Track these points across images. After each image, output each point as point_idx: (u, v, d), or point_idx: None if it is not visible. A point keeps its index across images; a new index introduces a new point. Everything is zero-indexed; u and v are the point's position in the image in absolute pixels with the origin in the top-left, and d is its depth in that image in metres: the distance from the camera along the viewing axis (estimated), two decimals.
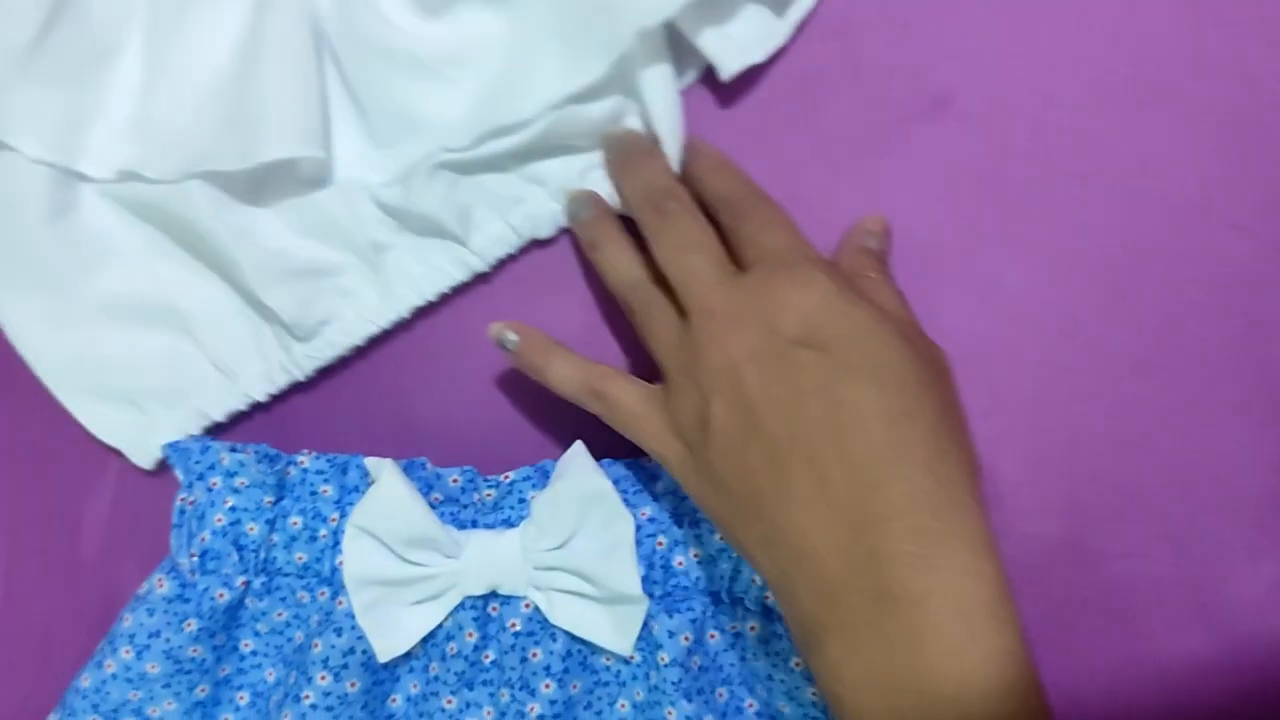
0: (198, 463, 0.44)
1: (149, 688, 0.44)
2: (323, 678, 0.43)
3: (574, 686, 0.44)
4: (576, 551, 0.42)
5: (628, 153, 0.45)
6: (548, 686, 0.43)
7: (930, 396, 0.37)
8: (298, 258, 0.46)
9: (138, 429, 0.47)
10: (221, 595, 0.44)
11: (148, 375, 0.47)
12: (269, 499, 0.44)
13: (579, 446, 0.43)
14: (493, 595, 0.44)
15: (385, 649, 0.43)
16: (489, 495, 0.45)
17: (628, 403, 0.41)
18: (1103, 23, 0.45)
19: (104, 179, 0.45)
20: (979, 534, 0.35)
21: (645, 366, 0.44)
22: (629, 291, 0.43)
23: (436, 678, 0.44)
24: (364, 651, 0.43)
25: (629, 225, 0.44)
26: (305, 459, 0.45)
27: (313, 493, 0.44)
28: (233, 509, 0.44)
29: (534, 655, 0.43)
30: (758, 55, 0.45)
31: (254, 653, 0.45)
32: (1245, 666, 0.44)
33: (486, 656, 0.44)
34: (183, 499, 0.45)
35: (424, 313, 0.47)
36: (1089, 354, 0.45)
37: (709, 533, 0.43)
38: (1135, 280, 0.45)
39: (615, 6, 0.42)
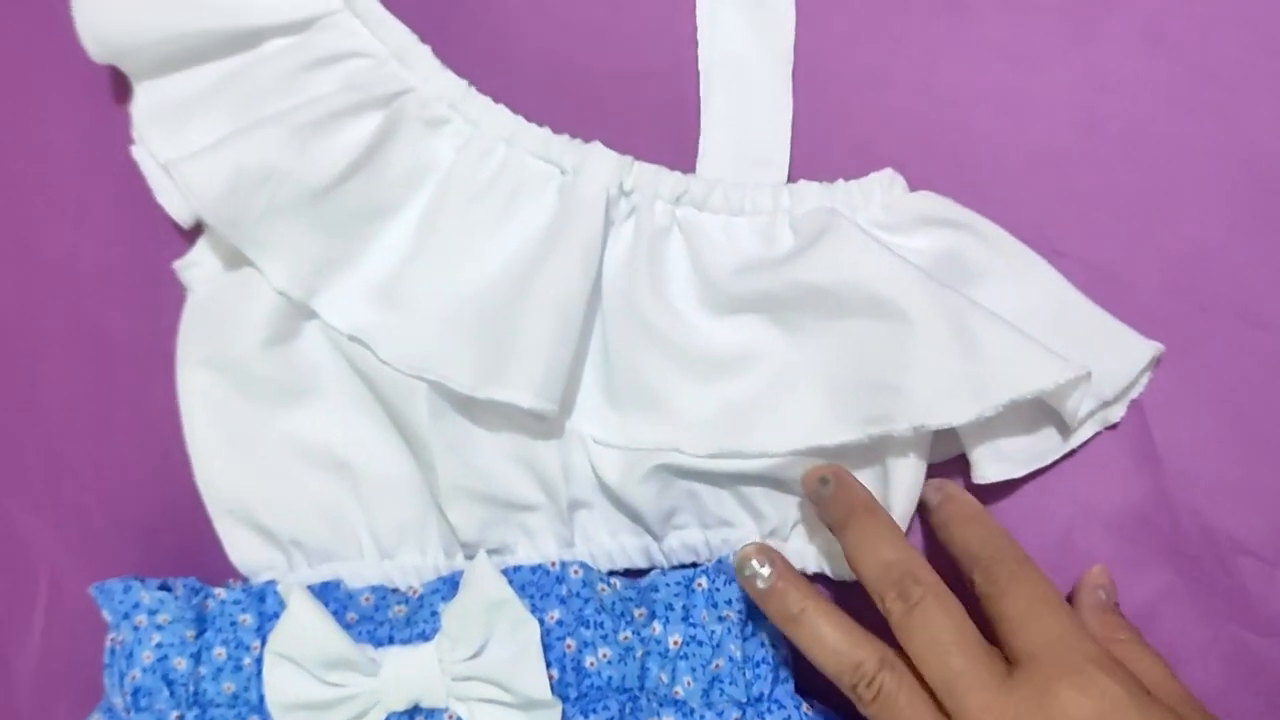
0: (121, 602, 0.45)
1: None
2: None
3: None
4: (490, 659, 0.42)
5: (850, 508, 0.41)
6: None
7: None
8: (496, 485, 0.45)
9: (272, 570, 0.47)
10: None
11: (302, 524, 0.46)
12: (191, 633, 0.44)
13: (482, 555, 0.43)
14: (417, 709, 0.44)
15: None
16: (401, 611, 0.45)
17: None
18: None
19: (334, 328, 0.45)
20: None
21: None
22: (852, 675, 0.38)
23: None
24: None
25: None
26: (222, 591, 0.45)
27: (232, 623, 0.45)
28: (159, 645, 0.44)
29: None
30: (1018, 470, 0.44)
31: None
32: None
33: None
34: (112, 639, 0.45)
35: None
36: None
37: (615, 632, 0.44)
38: None
39: (901, 392, 0.41)
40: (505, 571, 0.44)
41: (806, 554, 0.46)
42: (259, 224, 0.43)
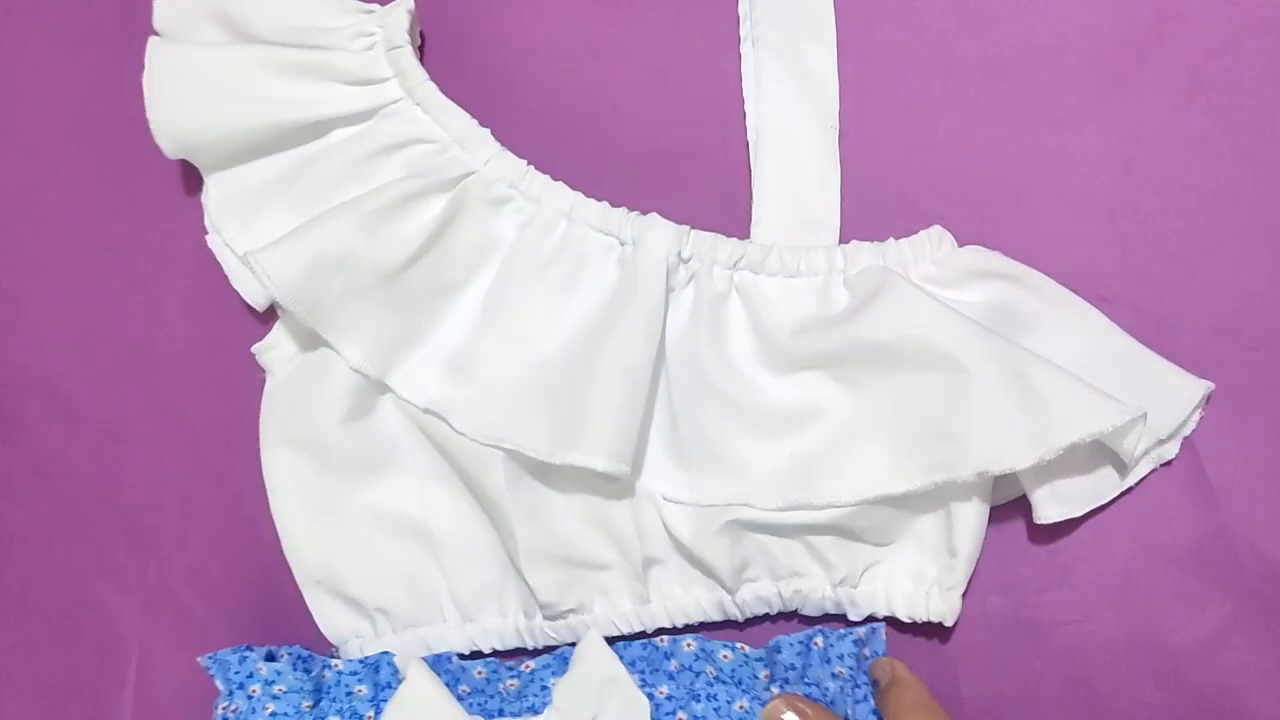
0: (236, 673, 0.46)
1: None
2: None
3: None
4: None
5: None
6: None
7: None
8: (573, 547, 0.47)
9: (361, 638, 0.49)
10: None
11: (386, 593, 0.48)
12: (307, 703, 0.45)
13: (594, 633, 0.44)
14: None
15: None
16: (513, 685, 0.46)
17: None
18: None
19: (409, 402, 0.47)
20: None
21: None
22: None
23: None
24: None
25: None
26: (339, 661, 0.46)
27: (348, 693, 0.46)
28: (273, 715, 0.45)
29: None
30: (1078, 510, 0.46)
31: None
32: (1204, 714, 0.46)
33: None
34: (224, 708, 0.46)
35: None
36: None
37: (727, 703, 0.44)
38: None
39: (963, 440, 0.42)
40: (615, 648, 0.45)
41: (877, 598, 0.48)
42: (335, 307, 0.45)
